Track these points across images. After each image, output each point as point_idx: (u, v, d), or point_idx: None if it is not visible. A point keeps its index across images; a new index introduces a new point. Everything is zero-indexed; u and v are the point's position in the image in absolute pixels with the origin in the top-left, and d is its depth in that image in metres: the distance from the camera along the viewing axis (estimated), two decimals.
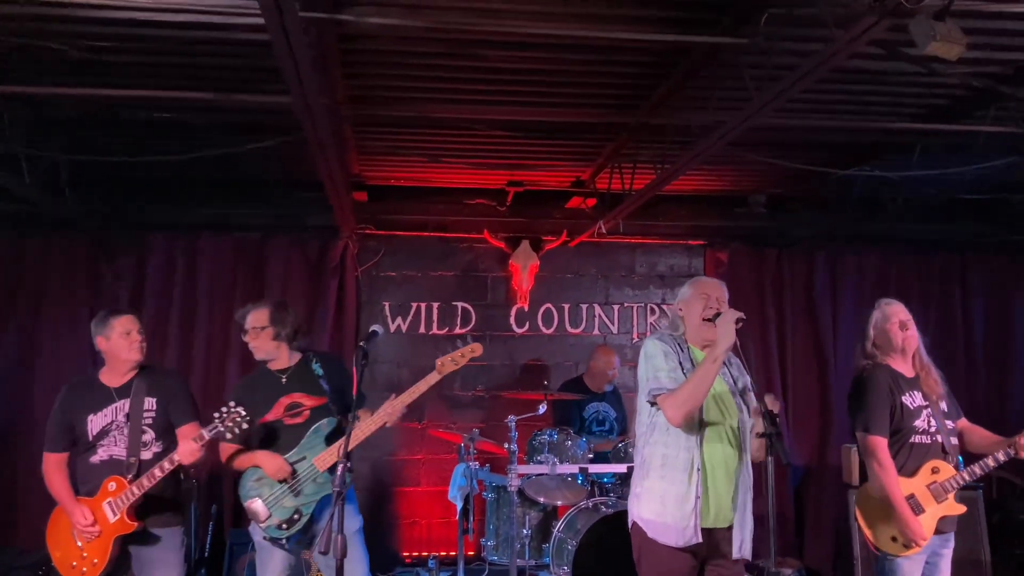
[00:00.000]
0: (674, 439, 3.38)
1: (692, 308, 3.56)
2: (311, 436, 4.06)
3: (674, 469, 3.37)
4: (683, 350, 3.50)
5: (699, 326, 3.52)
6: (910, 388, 4.04)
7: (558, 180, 6.67)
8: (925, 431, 3.98)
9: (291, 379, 4.19)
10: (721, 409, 3.47)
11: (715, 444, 3.41)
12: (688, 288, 3.65)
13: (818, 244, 7.26)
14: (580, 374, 6.68)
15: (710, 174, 6.52)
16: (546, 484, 5.57)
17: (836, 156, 5.97)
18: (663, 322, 3.72)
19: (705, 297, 3.55)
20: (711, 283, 3.64)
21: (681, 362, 3.43)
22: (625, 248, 7.37)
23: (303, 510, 4.01)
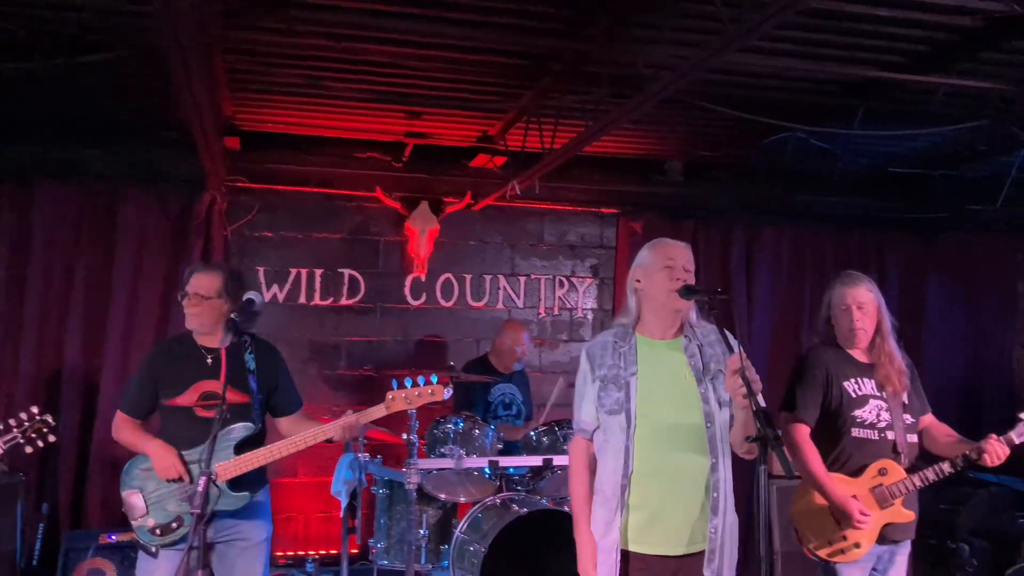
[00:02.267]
0: (604, 461, 2.88)
1: (655, 278, 2.91)
2: (221, 438, 3.42)
3: (602, 493, 2.86)
4: (620, 352, 2.88)
5: (666, 301, 2.87)
6: (860, 375, 3.56)
7: (463, 134, 5.93)
8: (871, 424, 3.49)
9: (217, 363, 3.52)
10: (674, 405, 2.84)
11: (668, 452, 2.79)
12: (647, 253, 2.99)
13: (737, 216, 6.81)
14: (484, 353, 6.01)
15: (629, 136, 5.93)
16: (448, 478, 4.86)
17: (772, 119, 5.48)
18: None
19: (671, 263, 2.91)
20: (675, 245, 2.98)
21: (607, 375, 2.86)
22: (533, 214, 6.70)
23: (186, 520, 3.40)
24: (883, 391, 3.53)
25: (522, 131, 5.52)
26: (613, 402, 2.82)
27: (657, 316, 2.92)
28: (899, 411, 3.52)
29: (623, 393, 2.82)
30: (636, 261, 3.00)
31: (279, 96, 5.17)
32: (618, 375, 2.84)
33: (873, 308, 3.58)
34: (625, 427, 2.79)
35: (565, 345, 6.71)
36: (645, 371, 2.85)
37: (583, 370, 2.93)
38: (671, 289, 2.86)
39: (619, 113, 4.58)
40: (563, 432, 4.91)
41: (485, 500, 4.78)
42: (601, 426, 2.86)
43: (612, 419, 2.82)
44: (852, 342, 3.60)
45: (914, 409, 3.58)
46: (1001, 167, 6.33)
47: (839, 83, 4.86)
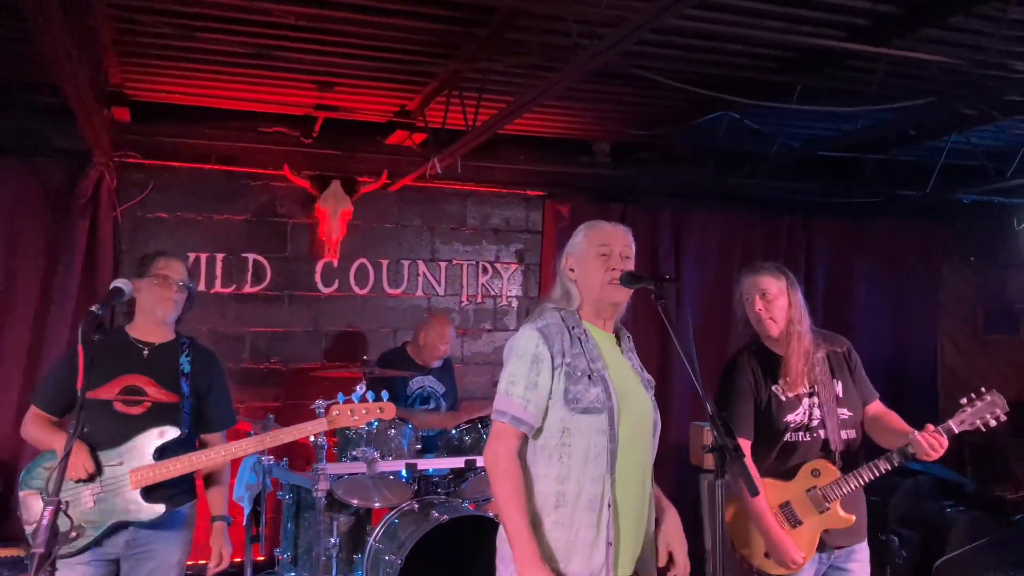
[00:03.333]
0: (576, 469, 2.44)
1: (589, 267, 2.57)
2: (142, 438, 3.13)
3: (576, 509, 2.43)
4: (580, 339, 2.52)
5: (602, 293, 2.54)
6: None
7: (379, 108, 5.49)
8: (803, 426, 3.22)
9: (153, 357, 3.26)
10: (639, 407, 2.55)
11: (629, 463, 2.48)
12: (580, 238, 2.64)
13: (665, 200, 6.55)
14: (403, 344, 5.60)
15: (555, 114, 5.58)
16: (361, 482, 4.46)
17: (705, 98, 5.21)
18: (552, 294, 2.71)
19: (606, 250, 2.58)
20: (611, 230, 2.65)
21: (575, 364, 2.46)
22: (455, 196, 6.31)
23: (88, 530, 3.06)
24: (812, 386, 3.24)
25: (443, 106, 5.12)
26: (593, 399, 2.44)
27: (594, 309, 2.60)
28: (832, 405, 3.23)
29: (601, 389, 2.45)
30: (568, 247, 2.66)
31: (175, 63, 4.64)
32: (588, 366, 2.47)
33: (781, 295, 3.27)
34: (607, 429, 2.44)
35: (489, 335, 6.36)
36: (608, 364, 2.53)
37: (534, 353, 2.46)
38: (607, 281, 2.54)
39: (548, 84, 4.23)
40: (487, 430, 4.54)
41: (402, 505, 4.39)
42: (561, 427, 2.45)
43: (587, 419, 2.44)
44: (763, 335, 3.31)
45: (851, 401, 3.29)
46: (930, 152, 6.24)
47: (777, 59, 4.61)
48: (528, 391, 2.44)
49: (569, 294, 2.60)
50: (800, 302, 3.31)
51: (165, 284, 3.23)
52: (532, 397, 2.44)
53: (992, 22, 3.87)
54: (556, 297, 2.63)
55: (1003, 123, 5.61)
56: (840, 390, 3.27)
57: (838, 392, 3.27)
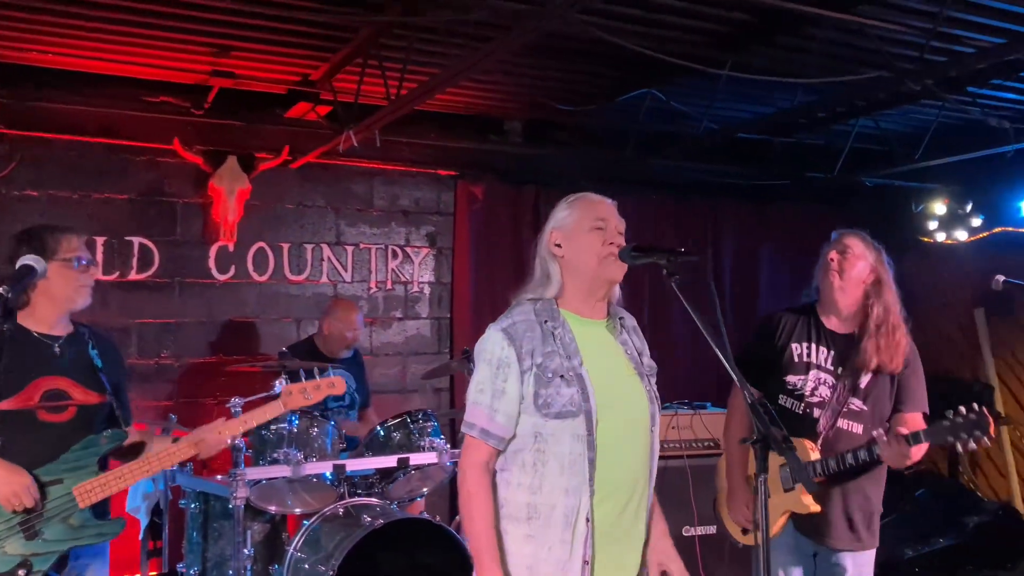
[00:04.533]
0: (549, 479, 2.18)
1: (582, 241, 2.29)
2: (80, 451, 2.74)
3: (549, 524, 2.17)
4: (554, 334, 2.23)
5: (599, 270, 2.27)
6: (822, 342, 3.08)
7: (280, 77, 5.02)
8: (800, 395, 3.04)
9: (65, 353, 2.80)
10: (627, 404, 2.28)
11: (615, 471, 2.22)
12: (568, 211, 2.36)
13: (579, 183, 6.31)
14: (309, 335, 5.17)
15: (470, 88, 5.26)
16: (278, 487, 4.04)
17: (629, 74, 5.05)
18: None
19: (601, 224, 2.31)
20: (604, 202, 2.40)
21: (546, 364, 2.19)
22: (362, 175, 5.89)
23: (34, 564, 2.62)
24: (842, 366, 3.03)
25: (354, 76, 4.72)
26: (566, 402, 2.17)
27: (585, 290, 2.31)
28: (845, 392, 3.03)
29: (577, 389, 2.18)
30: (553, 222, 2.36)
31: (46, 19, 4.05)
32: (561, 365, 2.20)
33: (864, 258, 3.06)
34: (584, 434, 2.16)
35: (400, 323, 5.98)
36: (589, 358, 2.25)
37: (499, 358, 2.21)
38: (605, 255, 2.27)
39: (483, 54, 3.94)
40: (418, 425, 4.23)
41: (324, 511, 4.00)
42: (533, 433, 2.20)
43: (561, 424, 2.17)
44: (826, 290, 3.08)
45: (875, 397, 3.03)
46: (835, 137, 6.31)
47: (709, 33, 4.47)
48: (495, 399, 2.20)
49: (550, 277, 2.31)
50: (891, 282, 3.07)
51: (86, 269, 2.79)
52: (500, 406, 2.20)
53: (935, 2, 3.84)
54: (534, 282, 2.34)
55: (909, 108, 5.73)
56: (866, 381, 3.03)
57: (861, 383, 3.03)
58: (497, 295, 6.08)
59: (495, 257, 6.09)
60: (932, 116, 5.78)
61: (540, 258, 2.35)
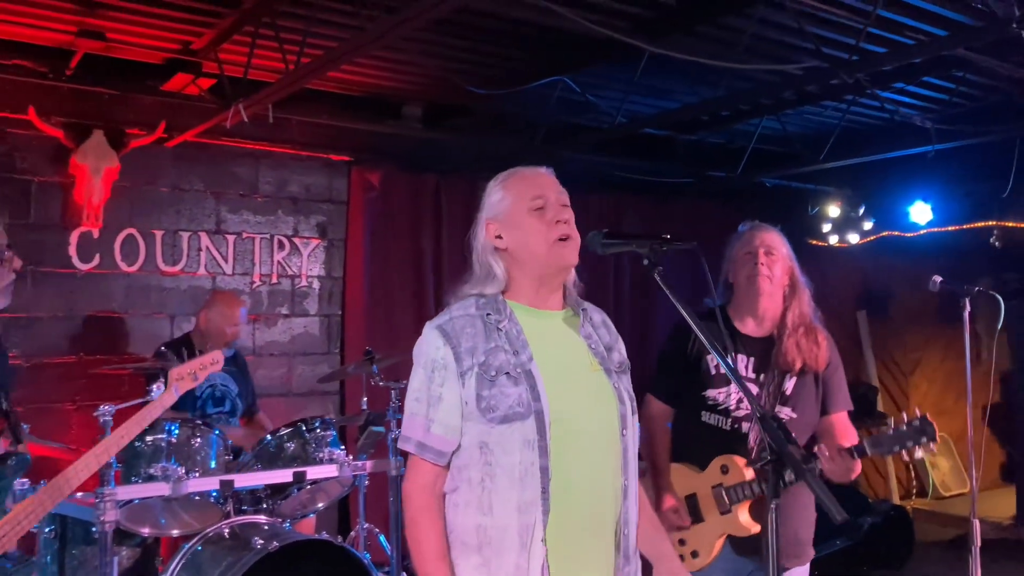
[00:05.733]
0: (500, 495, 1.86)
1: (524, 227, 1.96)
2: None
3: (502, 549, 1.85)
4: (497, 327, 1.92)
5: (548, 257, 1.96)
6: (740, 350, 2.85)
7: (157, 44, 4.49)
8: (724, 409, 2.80)
9: None
10: (588, 401, 1.96)
11: (583, 472, 1.91)
12: (500, 195, 2.02)
13: (481, 172, 6.01)
14: (185, 332, 4.64)
15: (368, 67, 4.86)
16: (152, 505, 3.54)
17: (541, 59, 4.78)
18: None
19: (540, 202, 1.98)
20: (536, 176, 2.06)
21: (488, 362, 1.88)
22: (246, 157, 5.36)
23: None
24: (763, 372, 2.83)
25: (239, 46, 4.27)
26: (513, 402, 1.85)
27: (536, 281, 1.99)
28: (772, 400, 2.82)
29: (524, 387, 1.86)
30: (487, 211, 2.02)
31: None
32: (507, 361, 1.88)
33: (787, 258, 2.85)
34: (535, 438, 1.84)
35: (286, 320, 5.49)
36: (541, 352, 1.93)
37: (434, 360, 1.89)
38: (555, 238, 1.95)
39: (391, 24, 3.57)
40: (315, 435, 3.80)
41: (206, 531, 3.52)
42: (479, 443, 1.87)
43: (509, 429, 1.85)
44: (752, 295, 2.83)
45: (802, 403, 2.83)
46: (737, 136, 6.28)
47: (631, 17, 4.25)
48: (432, 408, 1.89)
49: (492, 272, 1.98)
50: (804, 280, 2.88)
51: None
52: (437, 415, 1.89)
53: None
54: (474, 279, 2.01)
55: (811, 109, 5.73)
56: (791, 386, 2.82)
57: (787, 388, 2.82)
58: (393, 291, 5.70)
59: (392, 250, 5.70)
60: (832, 119, 5.81)
61: (478, 254, 2.01)
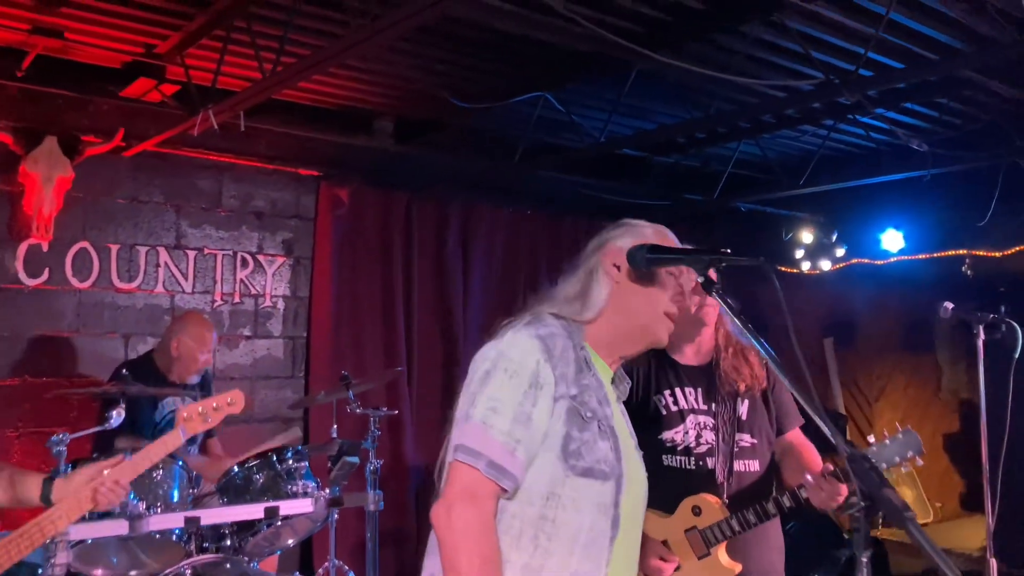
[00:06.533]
0: (555, 560, 1.60)
1: (653, 293, 1.80)
2: None
3: None
4: (588, 364, 1.71)
5: (651, 326, 1.81)
6: (685, 383, 2.70)
7: (118, 46, 4.20)
8: (688, 449, 2.64)
9: None
10: (639, 477, 1.78)
11: (624, 558, 1.71)
12: (652, 234, 1.86)
13: (454, 190, 5.84)
14: (146, 352, 4.33)
15: (341, 78, 4.64)
16: (106, 544, 3.23)
17: (523, 74, 4.61)
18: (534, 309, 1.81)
19: (681, 289, 1.86)
20: (668, 233, 1.92)
21: (582, 399, 1.65)
22: (209, 169, 5.08)
23: None
24: (714, 400, 2.69)
25: (207, 52, 4.02)
26: (601, 457, 1.63)
27: (620, 338, 1.80)
28: (729, 427, 2.67)
29: (611, 445, 1.66)
30: (624, 237, 1.83)
31: None
32: (597, 409, 1.67)
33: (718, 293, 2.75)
34: (610, 504, 1.63)
35: (248, 342, 5.19)
36: (615, 414, 1.76)
37: (533, 372, 1.63)
38: (670, 312, 1.80)
39: (372, 32, 3.36)
40: (286, 466, 3.53)
41: (165, 572, 3.22)
42: (547, 491, 1.62)
43: (587, 486, 1.62)
44: (697, 325, 2.70)
45: (758, 426, 2.73)
46: (712, 160, 6.19)
47: (625, 32, 4.11)
48: (517, 426, 1.59)
49: (589, 298, 1.76)
50: None
51: None
52: (523, 435, 1.59)
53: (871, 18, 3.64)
54: (561, 297, 1.79)
55: (789, 133, 5.66)
56: (745, 411, 2.70)
57: (741, 413, 2.70)
58: (362, 313, 5.44)
59: (361, 270, 5.45)
60: (811, 144, 5.75)
61: (585, 271, 1.80)
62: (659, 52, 4.25)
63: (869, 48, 3.65)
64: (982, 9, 3.51)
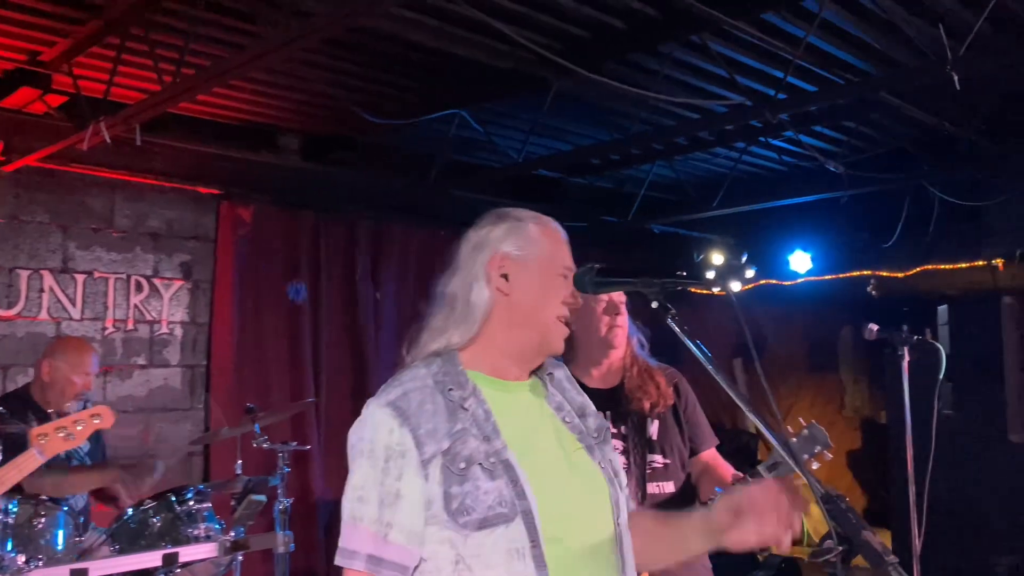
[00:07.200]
0: None
1: (543, 284, 1.63)
2: None
3: None
4: (461, 404, 1.53)
5: (552, 328, 1.63)
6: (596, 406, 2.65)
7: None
8: None
9: None
10: (577, 494, 1.58)
11: None
12: (531, 236, 1.65)
13: (365, 210, 5.63)
14: (24, 385, 3.95)
15: (245, 92, 4.41)
16: None
17: (439, 91, 4.47)
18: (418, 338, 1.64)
19: (567, 271, 1.66)
20: (567, 243, 1.72)
21: (456, 451, 1.48)
22: (99, 187, 4.74)
23: None
24: (626, 424, 2.62)
25: (99, 61, 3.75)
26: (493, 501, 1.45)
27: (517, 348, 1.63)
28: (640, 450, 2.61)
29: (504, 481, 1.47)
30: (505, 242, 1.64)
31: None
32: (478, 449, 1.49)
33: (625, 309, 2.68)
34: (526, 546, 1.44)
35: (143, 372, 4.83)
36: (514, 436, 1.54)
37: (387, 446, 1.47)
38: (563, 315, 1.63)
39: (279, 41, 3.18)
40: (186, 507, 3.25)
41: None
42: (453, 557, 1.46)
43: (489, 537, 1.44)
44: (605, 349, 2.64)
45: (670, 446, 2.67)
46: (625, 182, 6.18)
47: (544, 49, 4.02)
48: (385, 509, 1.45)
49: (469, 309, 1.60)
50: None
51: None
52: (395, 517, 1.45)
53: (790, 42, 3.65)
54: (444, 321, 1.62)
55: (703, 155, 5.69)
56: (655, 431, 2.64)
57: (651, 434, 2.64)
58: (266, 340, 5.16)
59: (265, 294, 5.18)
60: (724, 166, 5.79)
61: (464, 282, 1.62)
62: (577, 72, 4.21)
63: (789, 72, 3.67)
64: (897, 35, 3.57)
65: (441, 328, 1.61)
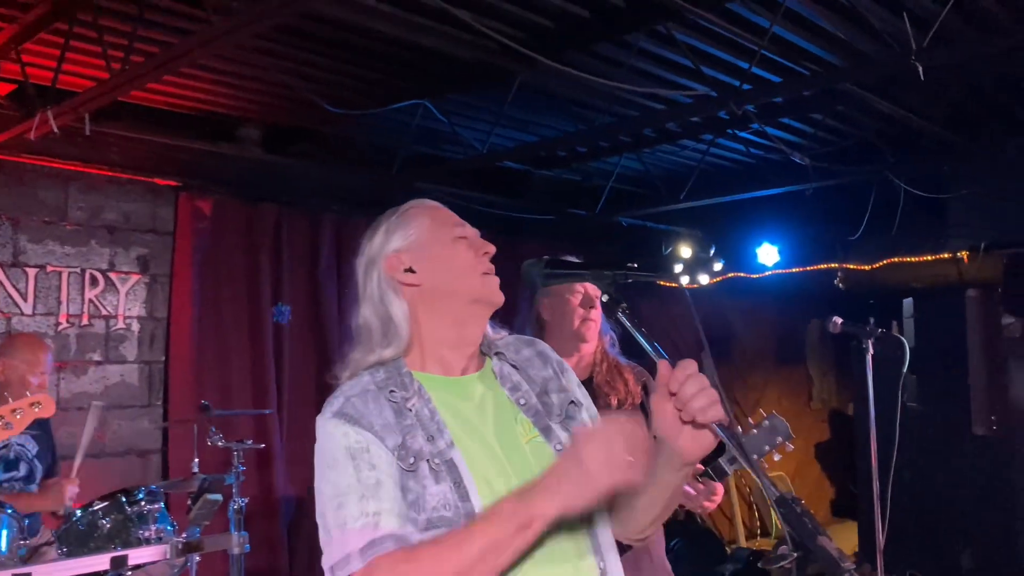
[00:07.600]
0: None
1: (447, 256, 1.58)
2: None
3: None
4: (406, 406, 1.48)
5: (480, 293, 1.57)
6: None
7: None
8: None
9: None
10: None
11: (539, 570, 1.45)
12: (407, 223, 1.61)
13: (328, 203, 5.53)
14: None
15: (202, 80, 4.29)
16: None
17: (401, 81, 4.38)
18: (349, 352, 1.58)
19: (462, 231, 1.62)
20: (443, 207, 1.68)
21: (408, 446, 1.43)
22: (52, 178, 4.59)
23: None
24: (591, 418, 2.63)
25: (46, 48, 3.63)
26: (438, 503, 1.40)
27: (457, 327, 1.57)
28: None
29: (448, 484, 1.42)
30: (388, 244, 1.59)
31: None
32: (424, 449, 1.44)
33: (600, 306, 2.69)
34: None
35: (98, 368, 4.70)
36: (463, 434, 1.49)
37: (348, 447, 1.42)
38: (484, 270, 1.58)
39: (229, 27, 3.08)
40: (137, 508, 3.16)
41: None
42: None
43: None
44: (577, 342, 2.68)
45: None
46: (593, 175, 6.13)
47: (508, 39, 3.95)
48: (367, 501, 1.38)
49: (391, 325, 1.55)
50: None
51: None
52: (382, 505, 1.38)
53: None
54: (369, 342, 1.56)
55: (670, 147, 5.65)
56: None
57: None
58: (227, 336, 5.05)
59: (225, 288, 5.06)
60: (691, 159, 5.75)
61: (373, 303, 1.57)
62: (541, 62, 4.14)
63: (753, 63, 3.63)
64: (862, 25, 3.54)
65: (371, 346, 1.56)
